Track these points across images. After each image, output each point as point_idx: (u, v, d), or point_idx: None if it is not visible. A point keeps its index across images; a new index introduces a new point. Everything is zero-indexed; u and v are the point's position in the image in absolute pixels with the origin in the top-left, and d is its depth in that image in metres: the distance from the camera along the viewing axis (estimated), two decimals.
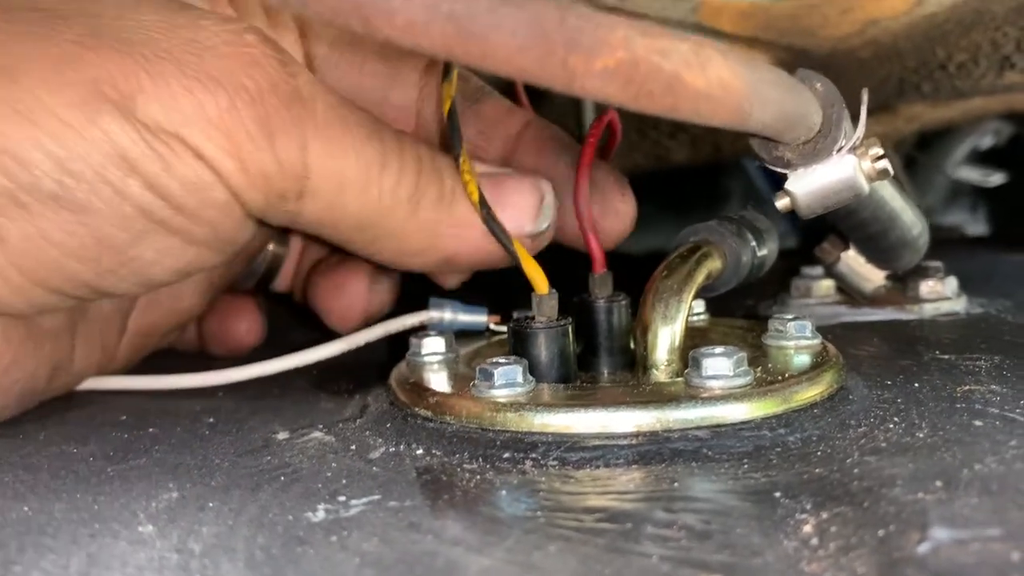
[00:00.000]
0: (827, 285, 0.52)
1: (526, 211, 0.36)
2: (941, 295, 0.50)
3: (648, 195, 1.04)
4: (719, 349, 0.32)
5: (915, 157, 0.92)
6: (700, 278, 0.36)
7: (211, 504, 0.27)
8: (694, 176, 1.01)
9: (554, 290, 0.36)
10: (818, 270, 0.53)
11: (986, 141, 0.90)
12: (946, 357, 0.39)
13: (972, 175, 0.91)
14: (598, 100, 0.25)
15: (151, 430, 0.35)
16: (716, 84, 0.27)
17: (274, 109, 0.30)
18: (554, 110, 0.67)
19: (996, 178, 0.91)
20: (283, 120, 0.30)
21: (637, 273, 0.41)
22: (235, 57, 0.30)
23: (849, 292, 0.51)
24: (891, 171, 0.36)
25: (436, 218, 0.34)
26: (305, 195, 0.32)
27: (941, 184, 0.94)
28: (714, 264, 0.37)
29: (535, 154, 0.41)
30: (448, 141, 0.35)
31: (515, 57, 0.23)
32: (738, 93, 0.28)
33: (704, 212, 1.06)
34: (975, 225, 1.00)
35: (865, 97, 0.37)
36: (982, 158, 0.92)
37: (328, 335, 0.44)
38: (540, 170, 0.39)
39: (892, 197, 0.43)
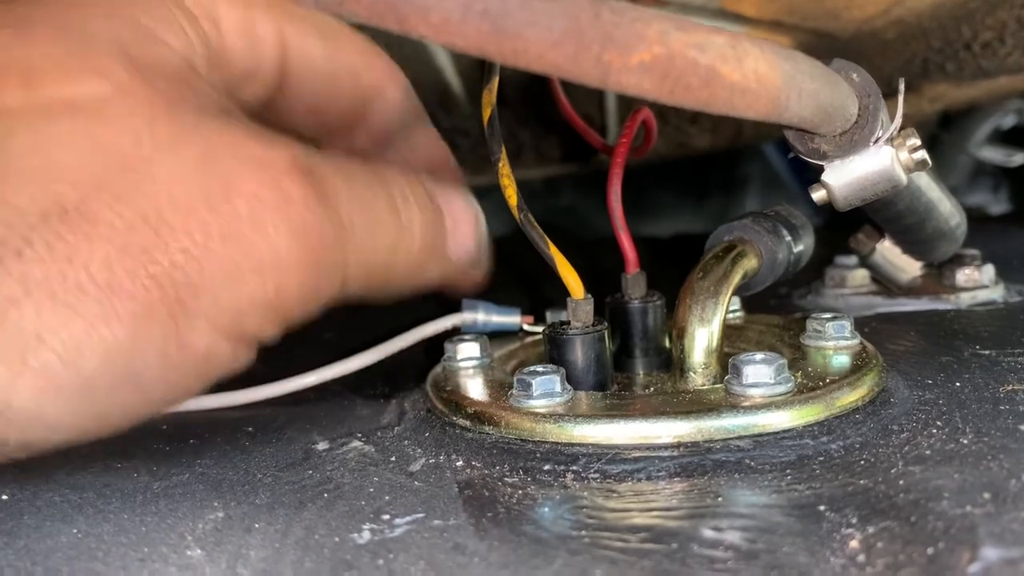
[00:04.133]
0: (862, 275, 0.52)
1: (471, 236, 0.37)
2: (978, 283, 0.49)
3: (669, 181, 1.04)
4: (759, 356, 0.32)
5: (938, 136, 0.91)
6: (736, 279, 0.36)
7: (257, 525, 0.27)
8: (714, 161, 1.00)
9: (589, 295, 0.36)
10: (853, 259, 0.52)
11: (1008, 121, 0.89)
12: (986, 353, 0.38)
13: (994, 155, 0.90)
14: (633, 95, 0.25)
15: (192, 441, 0.35)
16: (753, 77, 0.27)
17: (323, 264, 0.29)
18: (577, 94, 0.67)
19: (1019, 158, 0.90)
20: (329, 267, 0.30)
21: (662, 255, 0.40)
22: (283, 225, 0.28)
23: (884, 283, 0.50)
24: (929, 162, 0.36)
25: (441, 253, 0.35)
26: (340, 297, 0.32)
27: (964, 164, 0.93)
28: (750, 263, 0.37)
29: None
30: (488, 144, 0.35)
31: (549, 53, 0.23)
32: (775, 86, 0.28)
33: (724, 197, 1.06)
34: (997, 204, 0.99)
35: (902, 87, 0.36)
36: (1004, 138, 0.91)
37: (359, 334, 0.44)
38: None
39: (929, 187, 0.42)
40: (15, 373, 0.26)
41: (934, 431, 0.30)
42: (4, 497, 0.30)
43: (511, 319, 0.43)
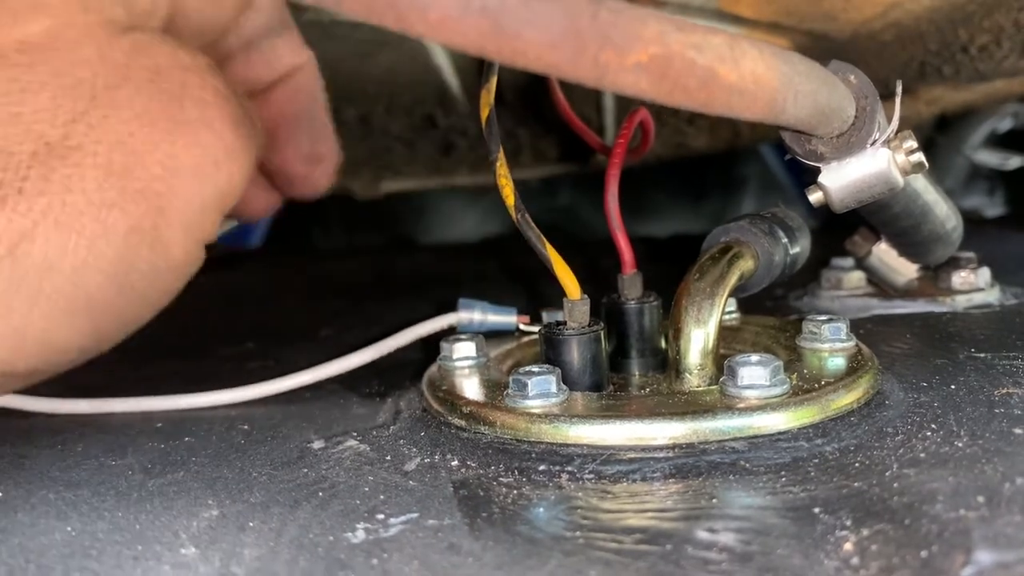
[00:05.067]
0: (858, 277, 0.52)
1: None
2: (974, 286, 0.49)
3: (667, 182, 1.04)
4: (755, 357, 0.32)
5: (934, 139, 0.91)
6: (732, 280, 0.36)
7: (251, 523, 0.27)
8: (712, 162, 1.01)
9: (585, 295, 0.36)
10: (849, 262, 0.52)
11: (1004, 124, 0.89)
12: (981, 356, 0.38)
13: (990, 158, 0.91)
14: (630, 95, 0.25)
15: (187, 439, 0.35)
16: (750, 78, 0.27)
17: (250, 145, 0.33)
18: (575, 95, 0.67)
19: (1014, 161, 0.91)
20: (253, 147, 0.34)
21: (660, 255, 0.40)
22: (225, 117, 0.32)
23: (880, 285, 0.51)
24: (926, 164, 0.36)
25: None
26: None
27: (960, 167, 0.93)
28: (746, 265, 0.37)
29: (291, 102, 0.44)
30: (486, 144, 0.35)
31: (547, 53, 0.23)
32: (772, 87, 0.28)
33: (722, 198, 1.06)
34: (993, 208, 0.99)
35: (899, 89, 0.36)
36: (1000, 141, 0.91)
37: (355, 333, 0.44)
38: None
39: (925, 190, 0.42)
40: (31, 303, 0.28)
41: (929, 434, 0.30)
42: None
43: (507, 319, 0.43)
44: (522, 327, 0.44)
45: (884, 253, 0.48)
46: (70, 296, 0.29)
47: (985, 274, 0.50)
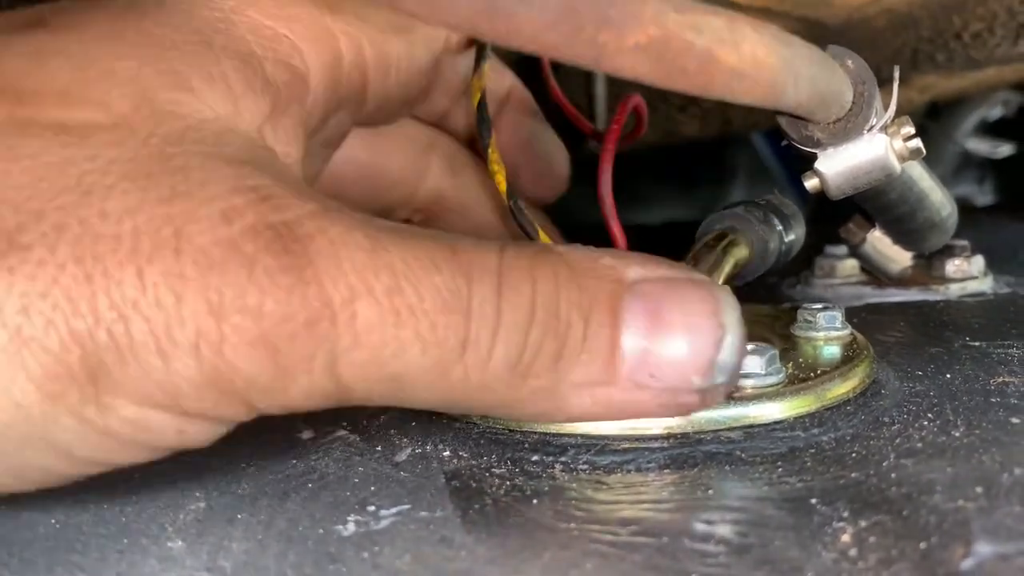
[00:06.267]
0: (851, 265, 0.51)
1: (698, 356, 0.26)
2: (968, 274, 0.49)
3: (656, 169, 1.03)
4: (750, 346, 0.31)
5: (925, 127, 0.91)
6: (727, 268, 0.35)
7: (239, 516, 0.26)
8: (703, 150, 1.00)
9: None
10: (842, 249, 0.52)
11: (995, 112, 0.89)
12: (976, 344, 0.38)
13: (981, 146, 0.90)
14: (628, 78, 0.24)
15: None
16: (750, 61, 0.26)
17: (288, 351, 0.23)
18: (565, 83, 0.66)
19: (1005, 149, 0.90)
20: (301, 356, 0.23)
21: (653, 243, 0.40)
22: (229, 293, 0.22)
23: (874, 273, 0.50)
24: (923, 151, 0.35)
25: (555, 381, 0.25)
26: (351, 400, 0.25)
27: (951, 155, 0.93)
28: (741, 253, 0.36)
29: (513, 128, 0.40)
30: (477, 133, 0.34)
31: (543, 34, 0.22)
32: (773, 71, 0.27)
33: (713, 186, 1.05)
34: (982, 196, 0.99)
35: (897, 75, 0.36)
36: (991, 129, 0.91)
37: None
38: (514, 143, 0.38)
39: (920, 177, 0.42)
40: None
41: (925, 423, 0.30)
42: None
43: None
44: None
45: (878, 241, 0.47)
46: None
47: (979, 262, 0.50)
